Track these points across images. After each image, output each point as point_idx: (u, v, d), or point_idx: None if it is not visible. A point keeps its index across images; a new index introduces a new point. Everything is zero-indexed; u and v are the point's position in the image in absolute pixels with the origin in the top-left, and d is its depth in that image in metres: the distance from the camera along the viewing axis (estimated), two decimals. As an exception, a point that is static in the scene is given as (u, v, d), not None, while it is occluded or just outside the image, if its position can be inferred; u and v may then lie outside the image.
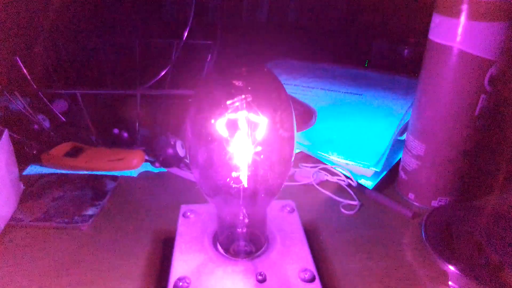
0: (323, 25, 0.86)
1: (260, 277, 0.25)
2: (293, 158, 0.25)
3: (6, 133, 0.39)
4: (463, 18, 0.33)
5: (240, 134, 0.24)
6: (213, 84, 0.23)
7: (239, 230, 0.28)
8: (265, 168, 0.24)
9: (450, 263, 0.32)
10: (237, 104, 0.23)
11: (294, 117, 0.24)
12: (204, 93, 0.24)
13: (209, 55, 0.61)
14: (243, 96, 0.23)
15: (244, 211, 0.27)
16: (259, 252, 0.28)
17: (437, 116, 0.37)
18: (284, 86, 0.24)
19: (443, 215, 0.38)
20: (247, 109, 0.23)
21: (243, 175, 0.25)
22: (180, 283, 0.25)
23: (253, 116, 0.24)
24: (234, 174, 0.24)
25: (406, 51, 0.63)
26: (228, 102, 0.23)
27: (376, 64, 0.68)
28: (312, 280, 0.26)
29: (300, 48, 0.78)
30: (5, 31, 0.66)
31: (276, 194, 0.27)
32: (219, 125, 0.23)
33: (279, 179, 0.25)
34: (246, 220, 0.27)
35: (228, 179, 0.25)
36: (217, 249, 0.28)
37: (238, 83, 0.22)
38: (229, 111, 0.23)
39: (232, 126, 0.24)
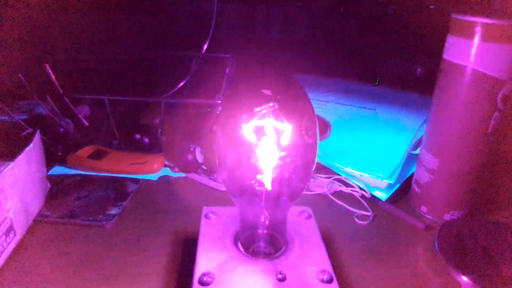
0: (335, 41, 0.88)
1: (280, 276, 0.27)
2: (315, 164, 0.27)
3: (38, 133, 0.41)
4: (476, 39, 0.35)
5: (266, 139, 0.26)
6: (243, 92, 0.25)
7: (260, 231, 0.29)
8: (288, 172, 0.26)
9: (463, 273, 0.33)
10: (264, 111, 0.25)
11: (317, 125, 0.26)
12: (234, 99, 0.26)
13: (227, 68, 0.64)
14: (270, 104, 0.25)
15: (266, 213, 0.28)
16: (278, 253, 0.29)
17: (450, 132, 0.39)
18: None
19: (456, 227, 0.39)
20: (273, 116, 0.25)
21: (267, 178, 0.26)
22: (205, 278, 0.26)
23: (278, 123, 0.25)
24: (259, 176, 0.26)
25: (418, 69, 0.65)
26: (256, 109, 0.25)
27: (388, 81, 0.70)
28: (330, 281, 0.27)
29: (313, 64, 0.81)
30: (34, 40, 0.69)
31: (297, 198, 0.28)
32: (246, 130, 0.25)
33: (301, 182, 0.27)
34: (267, 222, 0.29)
35: (253, 181, 0.26)
36: (238, 249, 0.30)
37: (266, 91, 0.24)
38: (256, 117, 0.25)
39: (259, 132, 0.25)
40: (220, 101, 0.46)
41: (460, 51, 0.36)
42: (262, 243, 0.30)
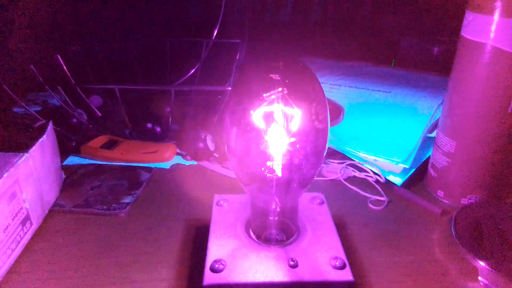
0: (349, 23, 0.86)
1: (292, 263, 0.27)
2: (326, 150, 0.26)
3: (50, 124, 0.42)
4: (496, 15, 0.33)
5: (276, 125, 0.25)
6: (251, 77, 0.25)
7: (271, 218, 0.29)
8: (299, 158, 0.25)
9: (480, 259, 0.32)
10: (273, 97, 0.25)
11: (328, 109, 0.25)
12: (243, 85, 0.25)
13: (238, 53, 0.63)
14: (279, 89, 0.24)
15: (277, 200, 0.28)
16: (290, 240, 0.29)
17: (468, 113, 0.37)
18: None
19: (474, 212, 0.38)
20: (282, 101, 0.25)
21: (277, 165, 0.26)
22: (216, 265, 0.26)
23: (288, 109, 0.25)
24: (269, 163, 0.26)
25: (436, 49, 0.63)
26: (265, 94, 0.24)
27: (404, 62, 0.68)
28: (343, 267, 0.26)
29: (325, 47, 0.79)
30: (46, 31, 0.70)
31: (308, 184, 0.28)
32: (256, 116, 0.25)
33: (312, 169, 0.26)
34: (279, 209, 0.28)
35: (263, 168, 0.26)
36: (250, 236, 0.30)
37: (275, 76, 0.24)
38: (265, 103, 0.25)
39: (269, 117, 0.25)
40: (230, 88, 0.46)
41: (479, 28, 0.34)
42: (273, 230, 0.29)
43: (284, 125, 0.24)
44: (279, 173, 0.26)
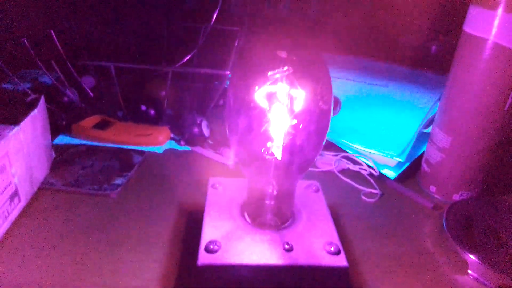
0: (347, 19, 0.86)
1: (287, 246, 0.26)
2: (327, 131, 0.26)
3: (42, 99, 0.40)
4: (500, 10, 0.33)
5: (279, 105, 0.25)
6: (257, 53, 0.24)
7: (268, 202, 0.29)
8: (300, 139, 0.25)
9: (470, 252, 0.33)
10: (277, 76, 0.24)
11: (332, 90, 0.25)
12: (247, 61, 0.25)
13: (236, 41, 0.62)
14: (285, 68, 0.24)
15: (275, 183, 0.28)
16: (285, 225, 0.29)
17: (466, 108, 0.37)
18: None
19: (465, 207, 0.38)
20: (287, 81, 0.24)
21: (277, 147, 0.26)
22: (211, 246, 0.26)
23: (292, 90, 0.24)
24: (269, 144, 0.25)
25: (433, 47, 0.63)
26: (270, 73, 0.24)
27: (402, 59, 0.68)
28: (337, 253, 0.26)
29: (325, 42, 0.79)
30: (38, 7, 0.68)
31: (307, 168, 0.27)
32: (259, 95, 0.24)
33: (313, 151, 0.26)
34: (275, 193, 0.28)
35: (262, 150, 0.25)
36: (245, 219, 0.29)
37: (281, 54, 0.23)
38: (269, 82, 0.24)
39: (272, 97, 0.24)
40: (228, 72, 0.45)
41: (482, 22, 0.34)
42: (269, 214, 0.29)
43: (287, 105, 0.24)
44: (278, 155, 0.26)
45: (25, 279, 0.29)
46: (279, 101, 0.24)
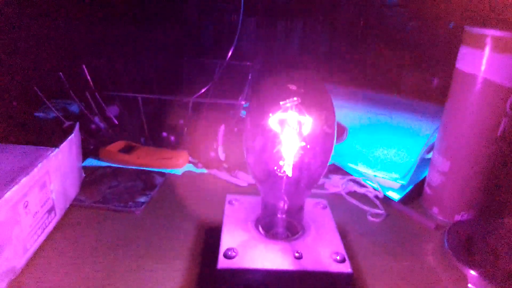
0: (354, 54, 0.91)
1: (297, 254, 0.29)
2: (332, 153, 0.30)
3: (77, 125, 0.45)
4: (487, 50, 0.37)
5: (289, 130, 0.29)
6: (270, 85, 0.28)
7: (280, 216, 0.32)
8: (308, 158, 0.28)
9: (470, 267, 0.35)
10: (288, 105, 0.28)
11: (335, 116, 0.28)
12: (262, 92, 0.29)
13: (250, 74, 0.68)
14: (294, 99, 0.28)
15: (286, 198, 0.31)
16: (295, 236, 0.32)
17: (461, 135, 0.41)
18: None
19: (466, 227, 0.41)
20: (296, 109, 0.28)
21: (288, 165, 0.29)
22: (229, 252, 0.29)
23: (301, 116, 0.28)
24: (281, 162, 0.29)
25: (435, 81, 0.67)
26: (282, 102, 0.28)
27: (405, 92, 0.72)
28: (343, 261, 0.29)
29: (331, 75, 0.84)
30: (72, 43, 0.75)
31: (315, 184, 0.31)
32: (272, 121, 0.28)
33: (320, 168, 0.29)
34: (287, 207, 0.31)
35: (275, 167, 0.29)
36: (259, 231, 0.32)
37: (292, 86, 0.27)
38: (281, 110, 0.28)
39: (283, 122, 0.28)
40: (243, 102, 0.50)
41: (472, 61, 0.38)
42: (281, 227, 0.32)
43: (296, 129, 0.28)
44: (289, 172, 0.29)
45: (60, 284, 0.32)
46: (289, 126, 0.28)
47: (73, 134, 0.42)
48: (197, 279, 0.33)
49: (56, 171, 0.39)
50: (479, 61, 0.38)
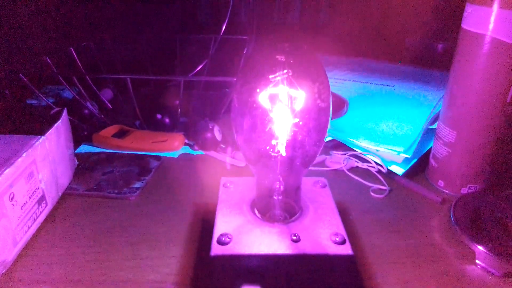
0: (355, 22, 0.87)
1: (294, 237, 0.28)
2: (328, 127, 0.28)
3: (65, 112, 0.44)
4: (495, 6, 0.34)
5: (280, 105, 0.26)
6: (258, 58, 0.26)
7: (276, 197, 0.30)
8: (302, 136, 0.26)
9: (477, 243, 0.33)
10: (278, 78, 0.26)
11: (330, 89, 0.26)
12: (250, 66, 0.26)
13: (245, 49, 0.65)
14: (284, 71, 0.26)
15: (281, 178, 0.29)
16: (293, 218, 0.30)
17: (468, 103, 0.38)
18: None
19: (473, 200, 0.39)
20: (287, 83, 0.26)
21: (281, 144, 0.27)
22: (223, 238, 0.28)
23: (292, 90, 0.26)
24: (273, 142, 0.27)
25: (440, 46, 0.64)
26: (271, 76, 0.26)
27: (409, 59, 0.69)
28: (343, 242, 0.28)
29: (333, 45, 0.80)
30: (61, 27, 0.72)
31: (311, 163, 0.29)
32: (262, 97, 0.26)
33: (315, 146, 0.28)
34: (282, 188, 0.30)
35: (268, 147, 0.27)
36: (255, 214, 0.31)
37: (280, 58, 0.25)
38: (271, 85, 0.26)
39: (274, 98, 0.26)
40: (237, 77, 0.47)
41: (479, 19, 0.35)
42: (277, 209, 0.31)
43: (288, 104, 0.26)
44: (283, 151, 0.27)
45: (54, 275, 0.31)
46: (280, 102, 0.26)
47: (59, 121, 0.41)
48: (194, 265, 0.32)
49: (44, 160, 0.37)
50: (486, 19, 0.35)
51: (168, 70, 0.70)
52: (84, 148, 0.52)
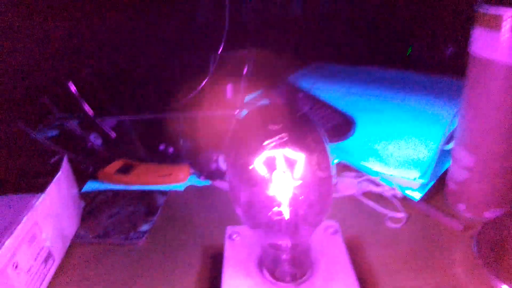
0: (359, 25, 0.83)
1: (306, 304, 0.26)
2: (332, 197, 0.26)
3: (65, 159, 0.43)
4: (504, 31, 0.31)
5: (279, 171, 0.24)
6: (250, 129, 0.24)
7: (284, 256, 0.29)
8: (304, 208, 0.24)
9: (503, 281, 0.31)
10: (273, 144, 0.24)
11: (330, 157, 0.24)
12: (242, 137, 0.25)
13: (246, 65, 0.62)
14: (278, 137, 0.24)
15: (286, 240, 0.28)
16: (304, 278, 0.29)
17: (484, 128, 0.36)
18: (323, 91, 0.24)
19: (497, 228, 0.36)
20: (284, 146, 0.24)
21: (284, 208, 0.26)
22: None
23: (290, 153, 0.24)
24: (275, 209, 0.25)
25: (450, 49, 0.60)
26: (265, 142, 0.24)
27: (416, 63, 0.65)
28: (357, 307, 0.26)
29: (335, 51, 0.77)
30: (58, 58, 0.71)
31: (319, 222, 0.27)
32: (257, 164, 0.24)
33: (319, 216, 0.26)
34: (289, 248, 0.28)
35: (269, 213, 0.25)
36: (263, 274, 0.29)
37: (273, 127, 0.23)
38: (267, 149, 0.24)
39: (271, 163, 0.24)
40: (238, 110, 0.45)
41: (488, 44, 0.32)
42: (286, 267, 0.29)
43: (287, 172, 0.24)
44: (286, 216, 0.25)
45: None
46: (279, 168, 0.24)
47: (60, 172, 0.40)
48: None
49: (46, 217, 0.36)
50: (496, 44, 0.32)
51: (169, 90, 0.68)
52: (91, 186, 0.51)
